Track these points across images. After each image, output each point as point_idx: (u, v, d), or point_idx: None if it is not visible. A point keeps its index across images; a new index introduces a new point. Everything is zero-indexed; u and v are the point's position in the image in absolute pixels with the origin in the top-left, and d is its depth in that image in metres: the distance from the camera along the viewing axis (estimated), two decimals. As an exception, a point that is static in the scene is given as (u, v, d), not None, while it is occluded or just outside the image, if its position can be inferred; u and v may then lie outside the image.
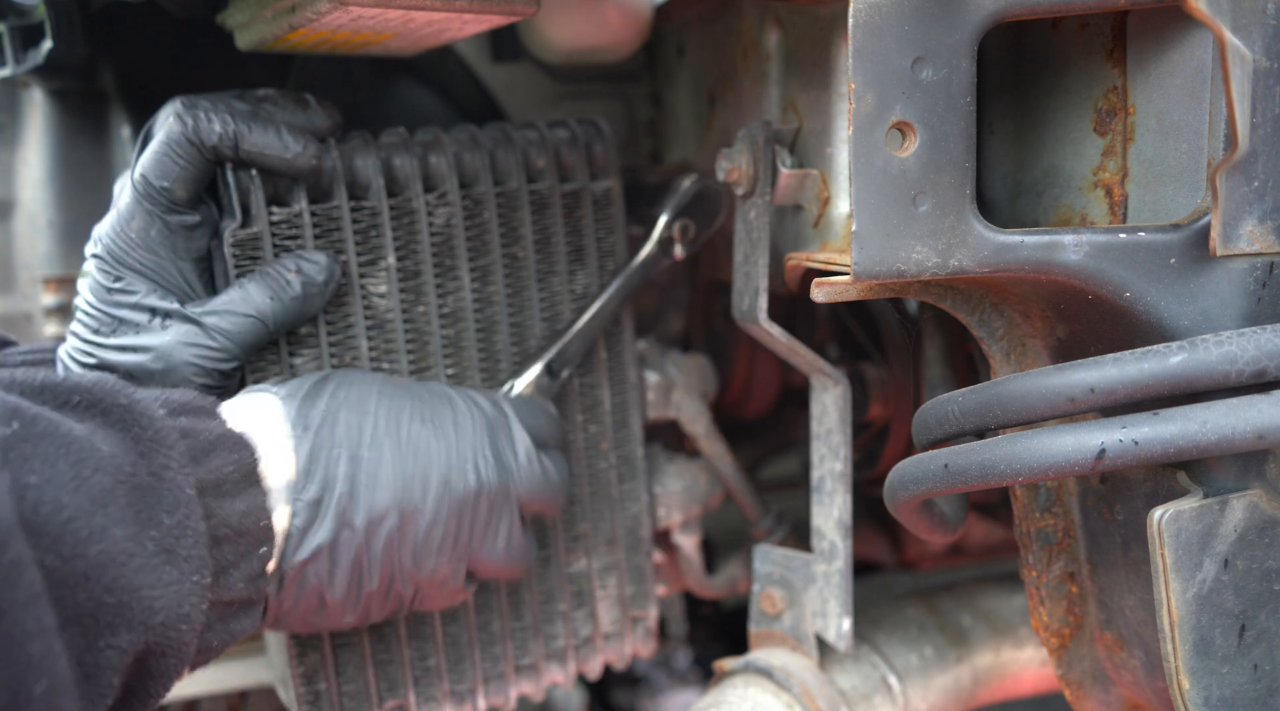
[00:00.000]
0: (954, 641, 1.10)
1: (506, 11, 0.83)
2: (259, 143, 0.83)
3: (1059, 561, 0.85)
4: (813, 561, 0.99)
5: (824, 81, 0.88)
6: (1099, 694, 0.88)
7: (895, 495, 0.75)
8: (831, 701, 0.99)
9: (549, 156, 0.96)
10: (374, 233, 0.91)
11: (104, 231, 0.83)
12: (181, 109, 0.82)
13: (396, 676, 0.97)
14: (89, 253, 0.84)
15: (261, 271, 0.85)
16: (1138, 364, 0.63)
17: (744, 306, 0.91)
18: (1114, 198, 0.72)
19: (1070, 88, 0.74)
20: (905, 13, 0.64)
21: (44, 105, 1.13)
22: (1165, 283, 0.68)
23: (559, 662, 1.06)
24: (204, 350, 0.82)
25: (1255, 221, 0.65)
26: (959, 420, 0.71)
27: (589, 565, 1.05)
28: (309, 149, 0.85)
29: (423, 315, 0.94)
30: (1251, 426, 0.61)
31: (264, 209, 0.86)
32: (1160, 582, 0.67)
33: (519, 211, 0.96)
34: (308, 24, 0.82)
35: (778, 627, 1.02)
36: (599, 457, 1.04)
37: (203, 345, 0.82)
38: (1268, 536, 0.68)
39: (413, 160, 0.91)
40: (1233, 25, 0.62)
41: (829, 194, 0.88)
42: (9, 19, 1.05)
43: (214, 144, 0.82)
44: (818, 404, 0.97)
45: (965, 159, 0.67)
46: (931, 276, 0.68)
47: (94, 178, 1.14)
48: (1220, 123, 0.66)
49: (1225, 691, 0.69)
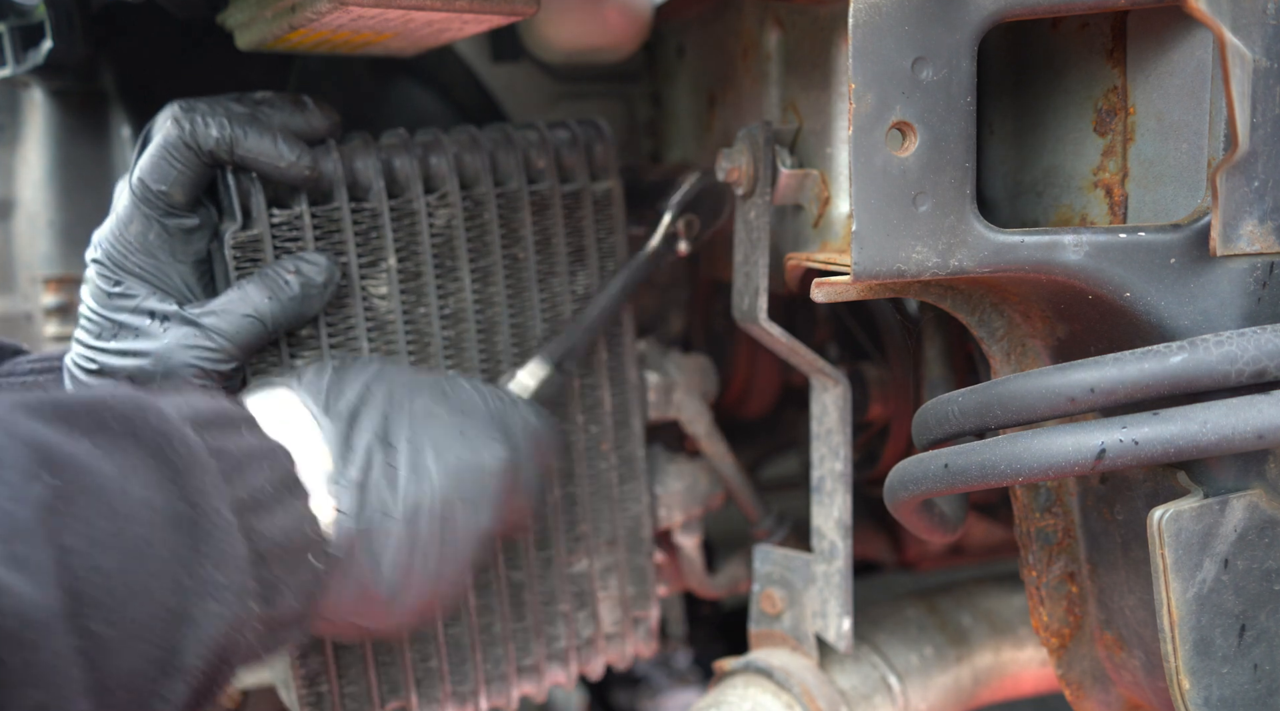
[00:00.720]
0: (954, 641, 1.10)
1: (506, 11, 0.83)
2: (254, 148, 0.83)
3: (1059, 561, 0.85)
4: (813, 561, 0.99)
5: (824, 81, 0.88)
6: (1099, 694, 0.88)
7: (895, 495, 0.75)
8: (831, 701, 0.99)
9: (549, 157, 0.96)
10: (374, 234, 0.91)
11: (103, 236, 0.83)
12: (179, 113, 0.82)
13: (398, 678, 0.97)
14: (89, 258, 0.84)
15: (260, 272, 0.84)
16: (1138, 364, 0.63)
17: (744, 306, 0.91)
18: (1114, 198, 0.72)
19: (1070, 88, 0.74)
20: (905, 13, 0.64)
21: (44, 105, 1.13)
22: (1165, 283, 0.68)
23: (560, 663, 1.06)
24: (203, 351, 0.81)
25: (1255, 221, 0.65)
26: (959, 420, 0.71)
27: (590, 566, 1.05)
28: (303, 159, 0.85)
29: (423, 316, 0.94)
30: (1251, 426, 0.61)
31: (265, 211, 0.86)
32: (1160, 582, 0.67)
33: (519, 212, 0.96)
34: (308, 24, 0.82)
35: (778, 627, 1.02)
36: (600, 458, 1.04)
37: (202, 346, 0.81)
38: (1268, 536, 0.68)
39: (413, 161, 0.91)
40: (1233, 25, 0.62)
41: (829, 194, 0.88)
42: (9, 19, 1.05)
43: (210, 148, 0.81)
44: (818, 404, 0.97)
45: (965, 159, 0.67)
46: (932, 276, 0.68)
47: (94, 178, 1.14)
48: (1220, 123, 0.66)
49: (1225, 691, 0.69)
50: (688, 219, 1.01)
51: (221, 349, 0.82)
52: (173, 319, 0.81)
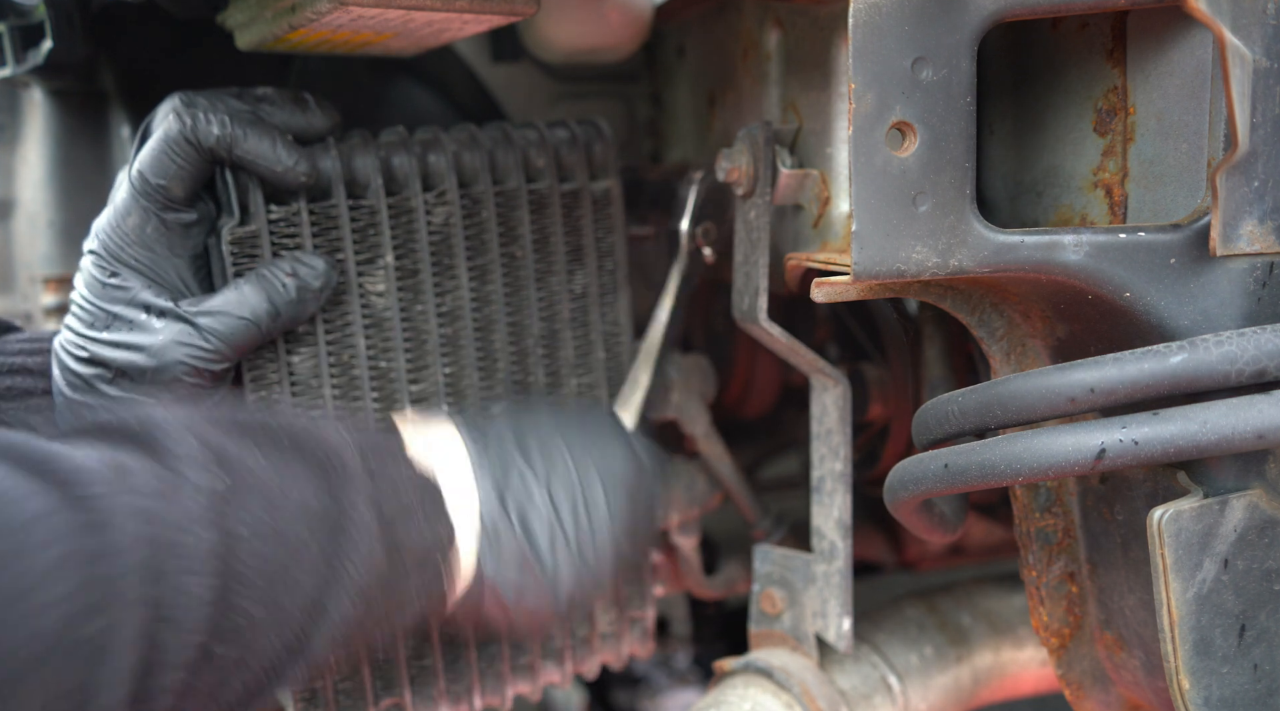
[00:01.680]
0: (954, 641, 1.10)
1: (506, 11, 0.83)
2: (253, 150, 0.83)
3: (1059, 561, 0.85)
4: (813, 561, 0.99)
5: (824, 81, 0.88)
6: (1099, 694, 0.88)
7: (895, 495, 0.75)
8: (831, 701, 0.99)
9: (548, 156, 0.96)
10: (372, 231, 0.91)
11: (100, 226, 0.83)
12: (180, 107, 0.82)
13: (393, 675, 0.97)
14: (86, 248, 0.84)
15: (257, 273, 0.85)
16: (1138, 364, 0.63)
17: (744, 306, 0.91)
18: (1114, 198, 0.72)
19: (1070, 88, 0.74)
20: (905, 13, 0.64)
21: (44, 105, 1.13)
22: (1165, 283, 0.67)
23: (555, 662, 1.06)
24: (197, 350, 0.82)
25: (1255, 221, 0.65)
26: (959, 420, 0.70)
27: (589, 565, 1.05)
28: (300, 165, 0.85)
29: (421, 314, 0.94)
30: (1251, 426, 0.61)
31: (262, 207, 0.86)
32: (1160, 582, 0.67)
33: (518, 211, 0.96)
34: (308, 24, 0.82)
35: (778, 627, 1.02)
36: (599, 458, 1.04)
37: (196, 345, 0.82)
38: (1268, 536, 0.68)
39: (411, 159, 0.91)
40: (1233, 25, 0.62)
41: (829, 194, 0.88)
42: (9, 19, 1.05)
43: (211, 146, 0.82)
44: (818, 404, 0.97)
45: (965, 159, 0.67)
46: (931, 276, 0.68)
47: (94, 178, 1.14)
48: (1220, 123, 0.66)
49: (1225, 691, 0.69)
50: (704, 227, 1.01)
51: (216, 350, 0.82)
52: (168, 315, 0.82)
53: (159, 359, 0.81)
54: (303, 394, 0.90)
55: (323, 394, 0.90)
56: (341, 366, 0.91)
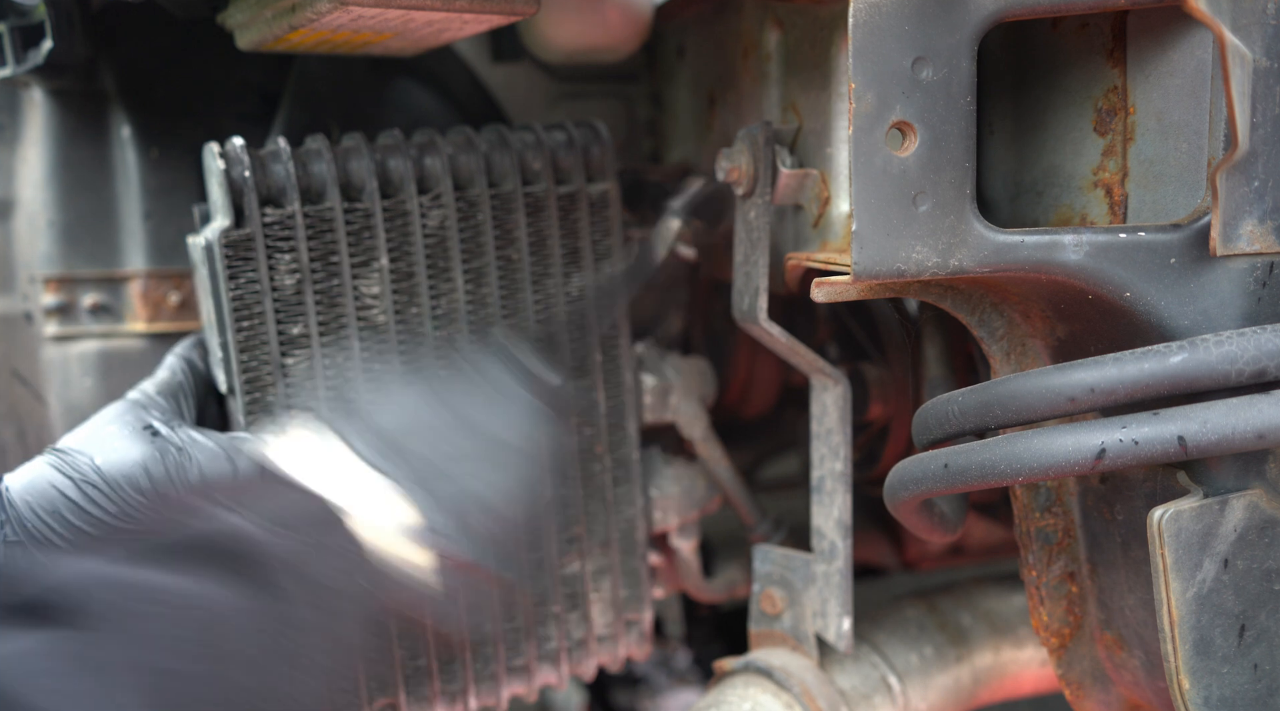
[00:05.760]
0: (954, 641, 1.10)
1: (506, 11, 0.83)
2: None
3: (1059, 561, 0.85)
4: (813, 561, 0.99)
5: (824, 81, 0.88)
6: (1099, 694, 0.88)
7: (895, 495, 0.75)
8: (831, 701, 0.99)
9: (545, 159, 0.96)
10: (367, 234, 0.91)
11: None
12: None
13: (387, 676, 0.97)
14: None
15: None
16: (1138, 364, 0.63)
17: (744, 306, 0.91)
18: (1114, 197, 0.72)
19: (1070, 87, 0.74)
20: (905, 13, 0.64)
21: (44, 105, 1.13)
22: (1165, 283, 0.67)
23: (552, 664, 1.06)
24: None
25: (1255, 221, 0.65)
26: (959, 420, 0.70)
27: (583, 567, 1.05)
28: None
29: (416, 316, 0.93)
30: (1251, 426, 0.61)
31: (257, 210, 0.86)
32: (1160, 582, 0.67)
33: (514, 213, 0.96)
34: (308, 24, 0.82)
35: (778, 627, 1.02)
36: (594, 460, 1.04)
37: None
38: (1268, 536, 0.68)
39: (407, 162, 0.91)
40: (1233, 25, 0.62)
41: (829, 194, 0.88)
42: (9, 19, 1.05)
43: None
44: (818, 404, 0.97)
45: (965, 159, 0.67)
46: (932, 276, 0.68)
47: (94, 178, 1.13)
48: (1220, 123, 0.66)
49: (1225, 691, 0.69)
50: (693, 223, 1.01)
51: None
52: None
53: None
54: (297, 396, 0.90)
55: (317, 396, 0.90)
56: (336, 369, 0.91)
